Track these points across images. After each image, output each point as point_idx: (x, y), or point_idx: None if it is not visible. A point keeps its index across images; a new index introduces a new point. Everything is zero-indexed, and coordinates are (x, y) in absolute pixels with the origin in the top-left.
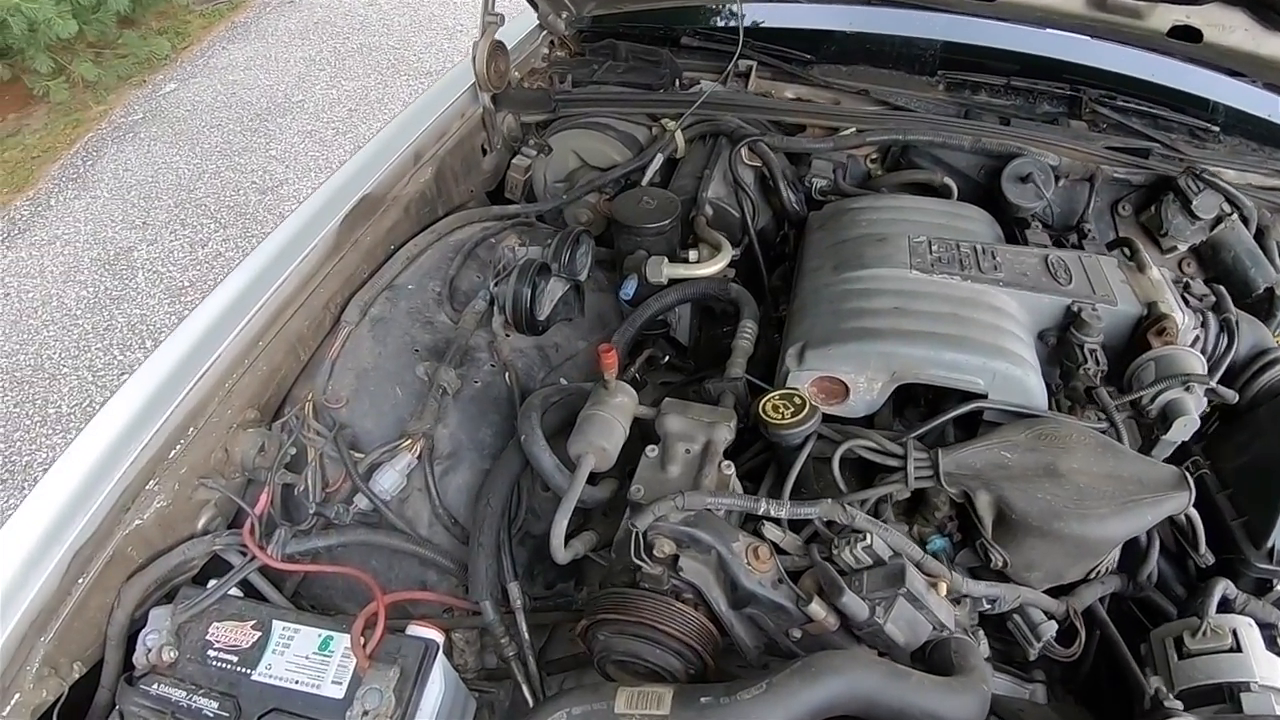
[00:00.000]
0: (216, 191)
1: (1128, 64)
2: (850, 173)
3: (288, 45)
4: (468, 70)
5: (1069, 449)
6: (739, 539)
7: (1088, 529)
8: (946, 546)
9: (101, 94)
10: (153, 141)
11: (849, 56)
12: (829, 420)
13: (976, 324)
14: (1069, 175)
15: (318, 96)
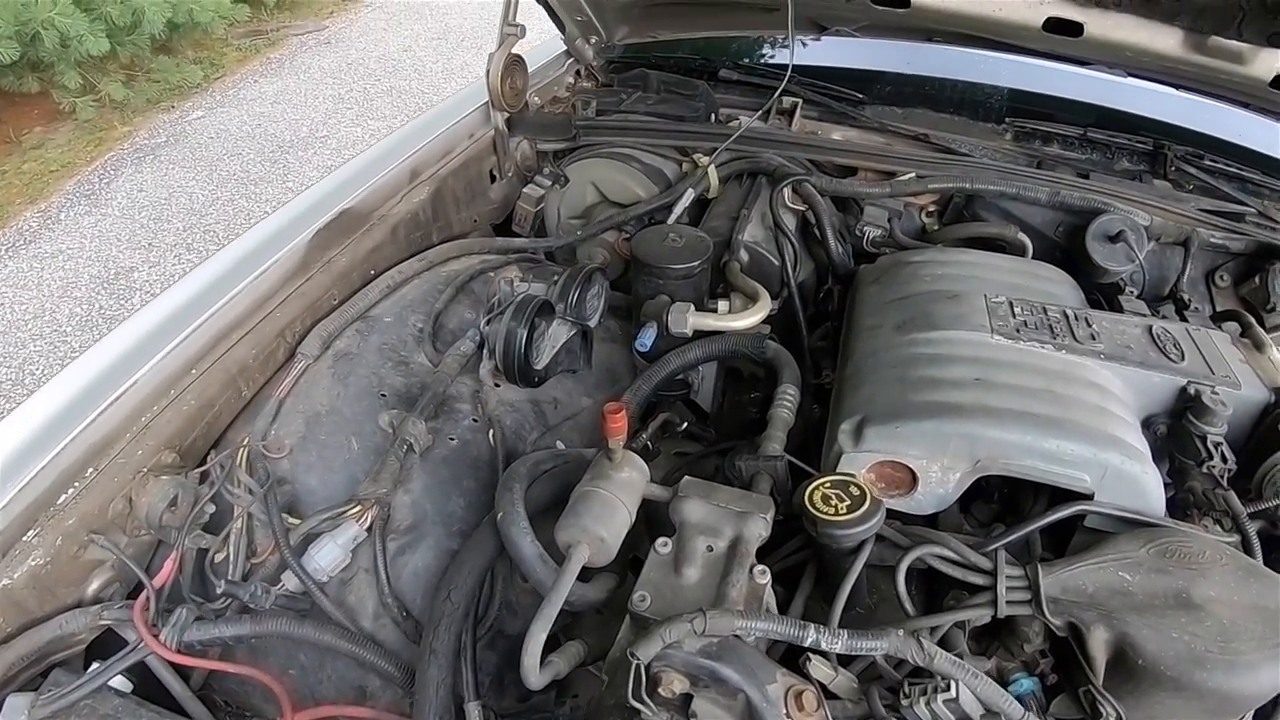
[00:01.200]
0: (228, 219)
1: (1215, 122)
2: (903, 226)
3: (319, 83)
4: (483, 88)
5: (1204, 572)
6: (776, 678)
7: (1237, 681)
8: (1036, 690)
9: (128, 115)
10: (171, 165)
11: (905, 99)
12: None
13: (1078, 405)
14: (1161, 237)
15: (341, 133)
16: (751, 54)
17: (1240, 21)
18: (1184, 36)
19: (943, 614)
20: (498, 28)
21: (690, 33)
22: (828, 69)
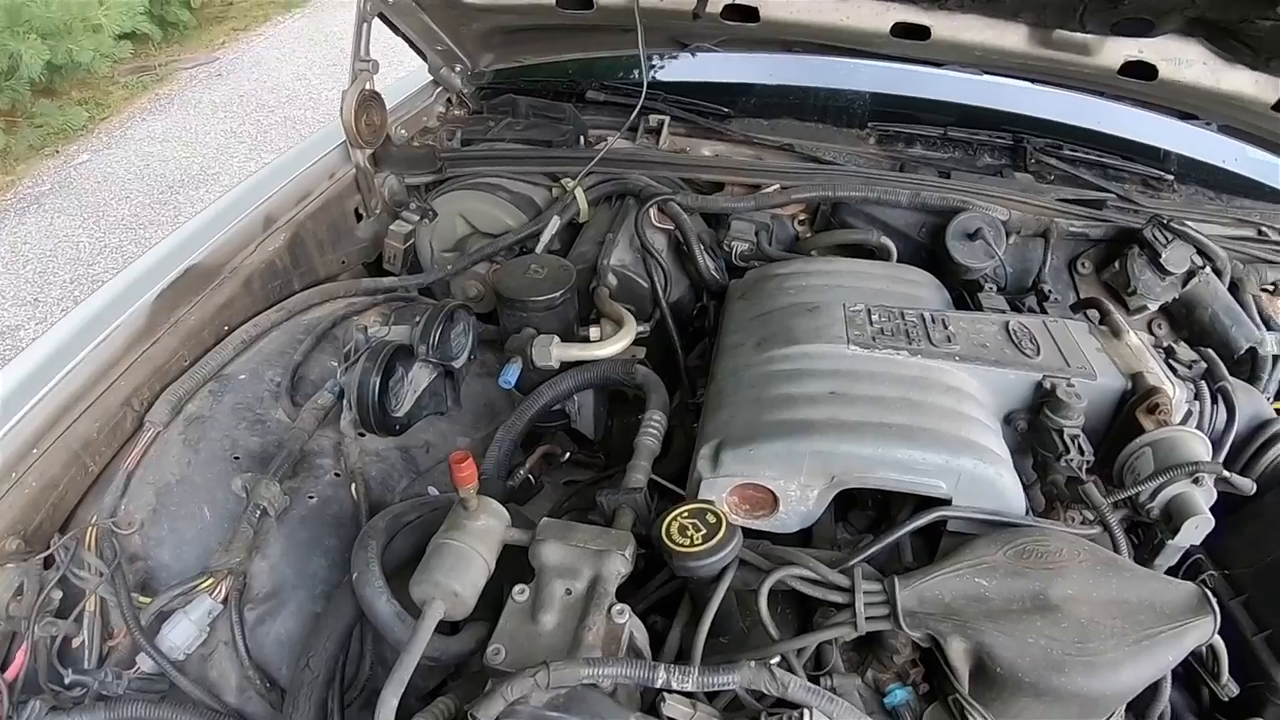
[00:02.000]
0: (117, 267)
1: (1072, 112)
2: (776, 235)
3: (209, 118)
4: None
5: (1061, 570)
6: None
7: (1096, 682)
8: (909, 699)
9: (10, 164)
10: (56, 214)
11: (770, 110)
12: (758, 537)
13: (934, 411)
14: (1020, 231)
15: (234, 169)
16: (618, 74)
17: (1081, 13)
18: (1029, 32)
19: (806, 636)
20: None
21: (555, 56)
22: (695, 84)
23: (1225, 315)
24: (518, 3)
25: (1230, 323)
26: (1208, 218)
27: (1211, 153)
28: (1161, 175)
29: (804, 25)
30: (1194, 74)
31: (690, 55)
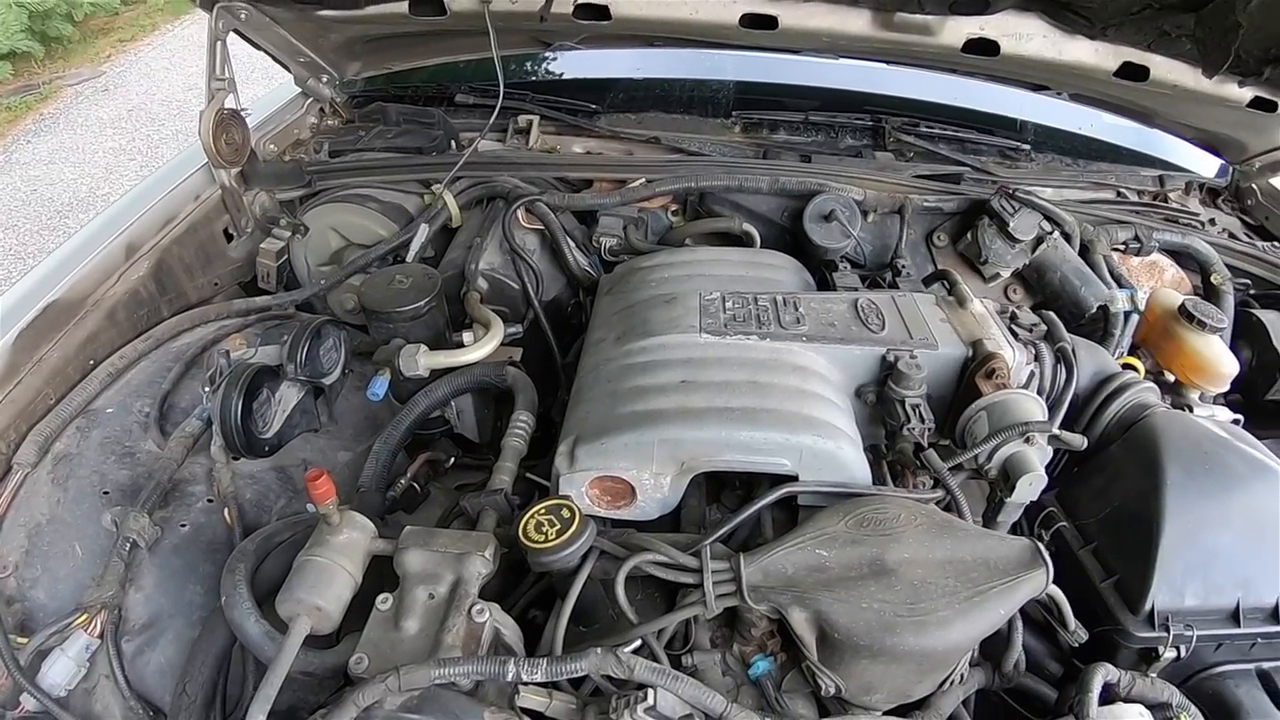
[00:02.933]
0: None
1: (929, 89)
2: (651, 227)
3: (98, 135)
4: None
5: (897, 535)
6: (484, 718)
7: (928, 640)
8: (771, 669)
9: None
10: None
11: (638, 104)
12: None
13: (777, 391)
14: (877, 209)
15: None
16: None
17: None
18: (872, 16)
19: (662, 618)
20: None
21: (423, 61)
22: (564, 82)
23: (1075, 277)
24: (370, 13)
25: (1080, 284)
26: (1064, 183)
27: (1067, 121)
28: (1018, 146)
29: (656, 21)
30: (1035, 47)
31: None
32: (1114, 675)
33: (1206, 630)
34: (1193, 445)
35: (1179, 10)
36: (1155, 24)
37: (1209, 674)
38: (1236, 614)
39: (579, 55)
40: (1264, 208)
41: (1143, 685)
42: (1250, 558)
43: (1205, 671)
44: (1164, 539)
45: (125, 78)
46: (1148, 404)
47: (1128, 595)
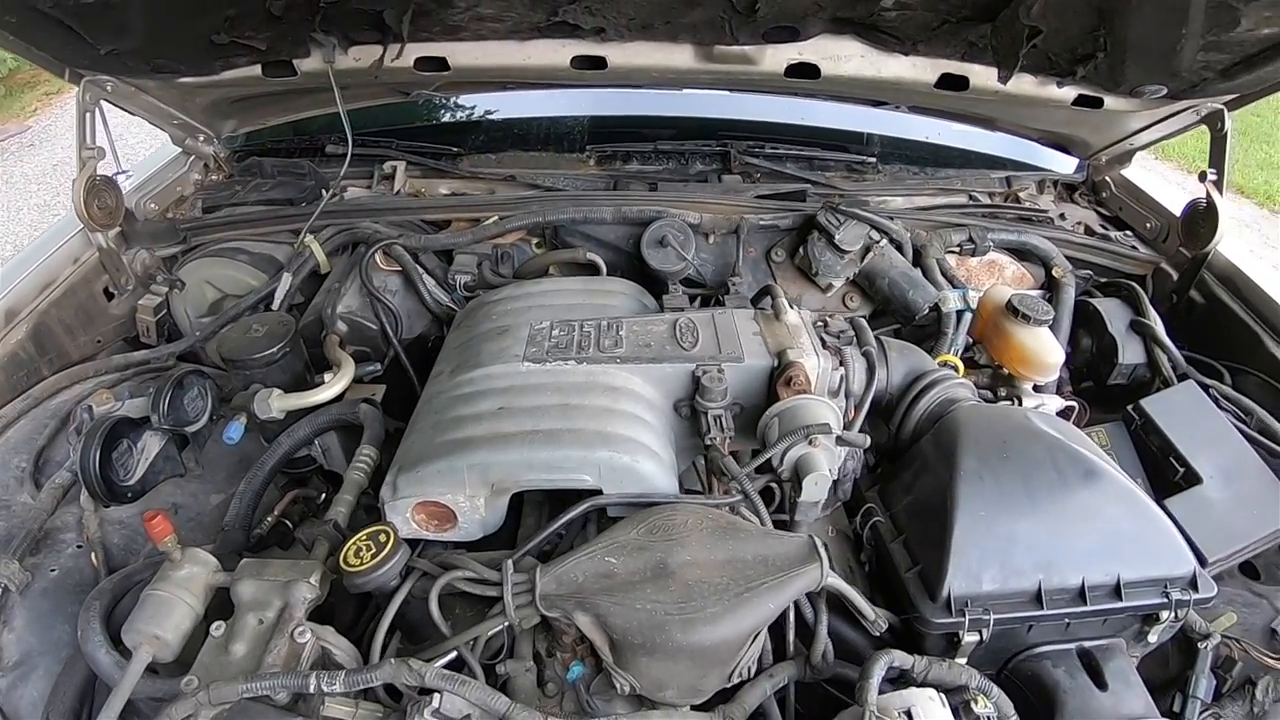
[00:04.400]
0: None
1: (774, 112)
2: (518, 261)
3: (23, 191)
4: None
5: (682, 540)
6: None
7: (695, 635)
8: (584, 673)
9: None
10: None
11: (498, 144)
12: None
13: (584, 412)
14: (715, 231)
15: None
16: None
17: (730, 28)
18: (694, 50)
19: (471, 630)
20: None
21: (293, 115)
22: (429, 127)
23: (903, 281)
24: (227, 77)
25: (908, 287)
26: (910, 191)
27: (915, 131)
28: (864, 159)
29: (492, 68)
30: (854, 67)
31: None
32: (908, 661)
33: (1009, 614)
34: (991, 436)
35: (976, 21)
36: (960, 36)
37: (1028, 655)
38: (1039, 596)
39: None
40: (1118, 199)
41: (939, 669)
42: (1050, 541)
43: (1025, 653)
44: (957, 527)
45: (51, 132)
46: (955, 399)
47: (928, 583)
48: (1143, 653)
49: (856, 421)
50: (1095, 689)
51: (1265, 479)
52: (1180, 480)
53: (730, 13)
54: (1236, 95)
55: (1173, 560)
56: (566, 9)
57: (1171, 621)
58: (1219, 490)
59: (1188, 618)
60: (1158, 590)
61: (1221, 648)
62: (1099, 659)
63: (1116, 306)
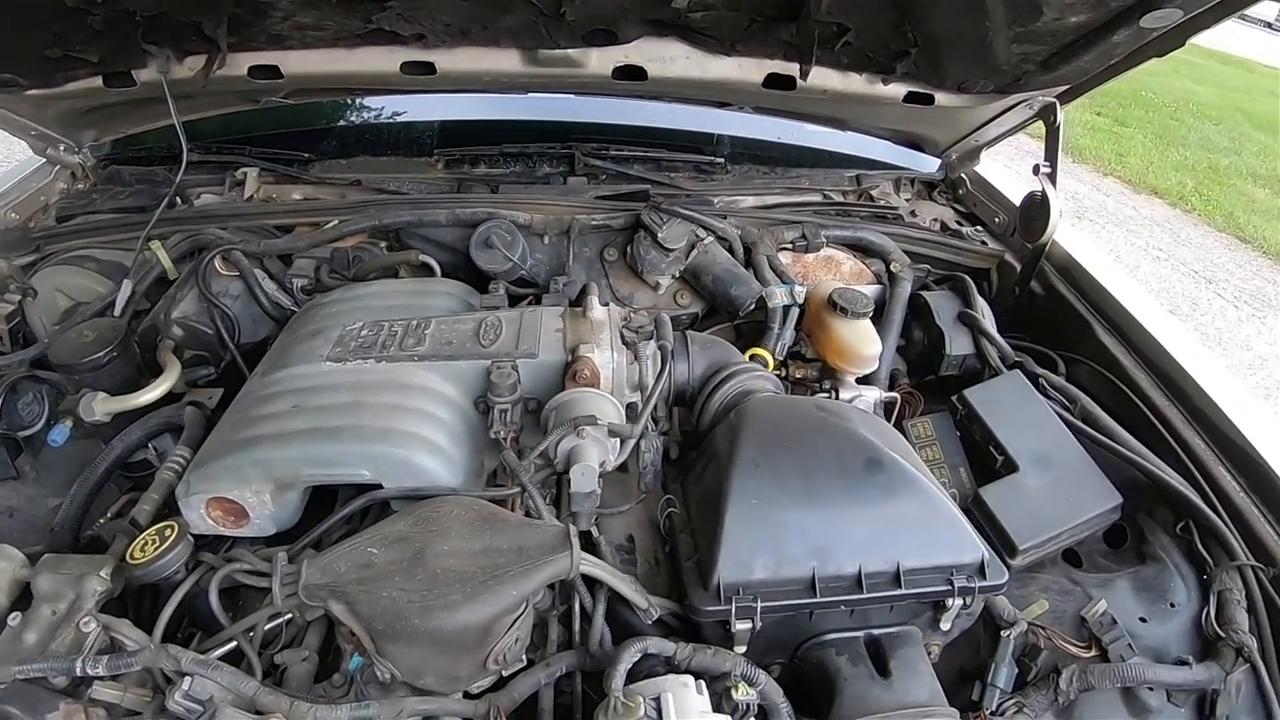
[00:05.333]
0: None
1: (622, 114)
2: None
3: None
4: None
5: (443, 530)
6: (59, 707)
7: (434, 622)
8: (363, 663)
9: None
10: None
11: (348, 149)
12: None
13: (371, 409)
14: (548, 232)
15: None
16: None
17: (546, 32)
18: (521, 54)
19: (247, 619)
20: None
21: (150, 124)
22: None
23: (726, 277)
24: (71, 89)
25: (731, 283)
26: (758, 191)
27: (765, 133)
28: (713, 160)
29: (325, 75)
30: (681, 68)
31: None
32: (669, 648)
33: (781, 601)
34: (775, 426)
35: (782, 21)
36: (773, 35)
37: (815, 643)
38: (813, 584)
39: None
40: (972, 195)
41: (704, 657)
42: (826, 529)
43: (813, 640)
44: (729, 515)
45: None
46: (752, 390)
47: (702, 572)
48: (944, 641)
49: (644, 413)
50: (876, 677)
51: (1083, 466)
52: (1000, 468)
53: (540, 17)
54: (1066, 87)
55: (958, 548)
56: (380, 16)
57: (961, 609)
58: (1035, 478)
59: (996, 605)
60: (942, 578)
61: (1030, 636)
62: (886, 647)
63: (945, 299)
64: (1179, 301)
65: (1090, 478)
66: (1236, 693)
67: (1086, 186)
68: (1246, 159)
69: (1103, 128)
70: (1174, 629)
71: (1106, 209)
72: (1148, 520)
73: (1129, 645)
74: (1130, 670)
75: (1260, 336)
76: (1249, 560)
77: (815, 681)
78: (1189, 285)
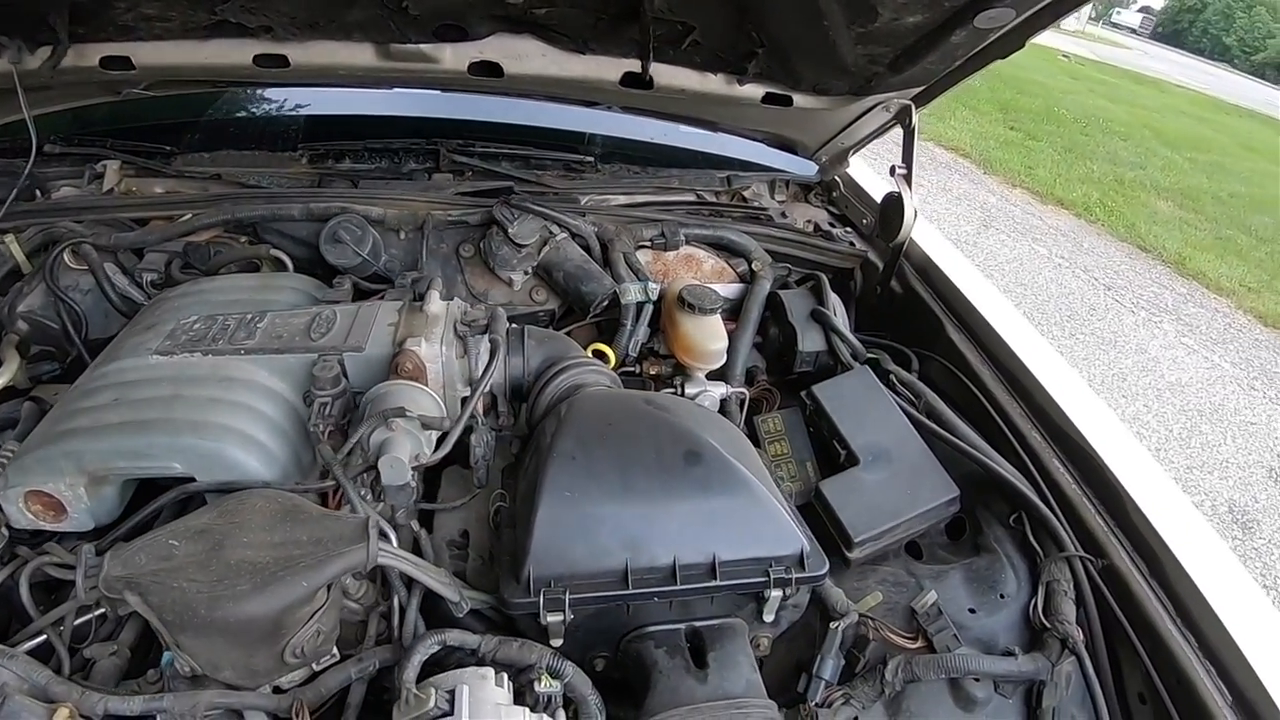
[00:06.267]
0: None
1: (491, 112)
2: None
3: None
4: None
5: (245, 523)
6: None
7: (220, 612)
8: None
9: None
10: None
11: (213, 143)
12: None
13: (188, 402)
14: (404, 227)
15: None
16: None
17: (395, 26)
18: (375, 48)
19: (51, 613)
20: None
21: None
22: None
23: (577, 273)
24: None
25: (583, 279)
26: (627, 190)
27: (639, 132)
28: (583, 159)
29: (178, 67)
30: (537, 65)
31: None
32: (473, 641)
33: (593, 594)
34: (597, 419)
35: (626, 19)
36: (622, 34)
37: (636, 635)
38: (626, 576)
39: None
40: (844, 198)
41: (509, 649)
42: (640, 521)
43: (634, 633)
44: (541, 507)
45: None
46: (583, 384)
47: (515, 565)
48: (773, 633)
49: (468, 407)
50: (692, 669)
51: (922, 460)
52: (844, 462)
53: (385, 10)
54: (920, 89)
55: (776, 540)
56: (224, 7)
57: (783, 600)
58: (875, 472)
59: (829, 597)
60: (759, 569)
61: (861, 628)
62: (706, 639)
63: (799, 297)
64: (1078, 306)
65: (929, 471)
66: (1066, 684)
67: (996, 197)
68: (1151, 173)
69: (1015, 141)
70: (1003, 620)
71: (1013, 219)
72: (985, 513)
73: (954, 636)
74: (954, 661)
75: (1155, 340)
76: (1078, 551)
77: (634, 674)
78: (1088, 291)
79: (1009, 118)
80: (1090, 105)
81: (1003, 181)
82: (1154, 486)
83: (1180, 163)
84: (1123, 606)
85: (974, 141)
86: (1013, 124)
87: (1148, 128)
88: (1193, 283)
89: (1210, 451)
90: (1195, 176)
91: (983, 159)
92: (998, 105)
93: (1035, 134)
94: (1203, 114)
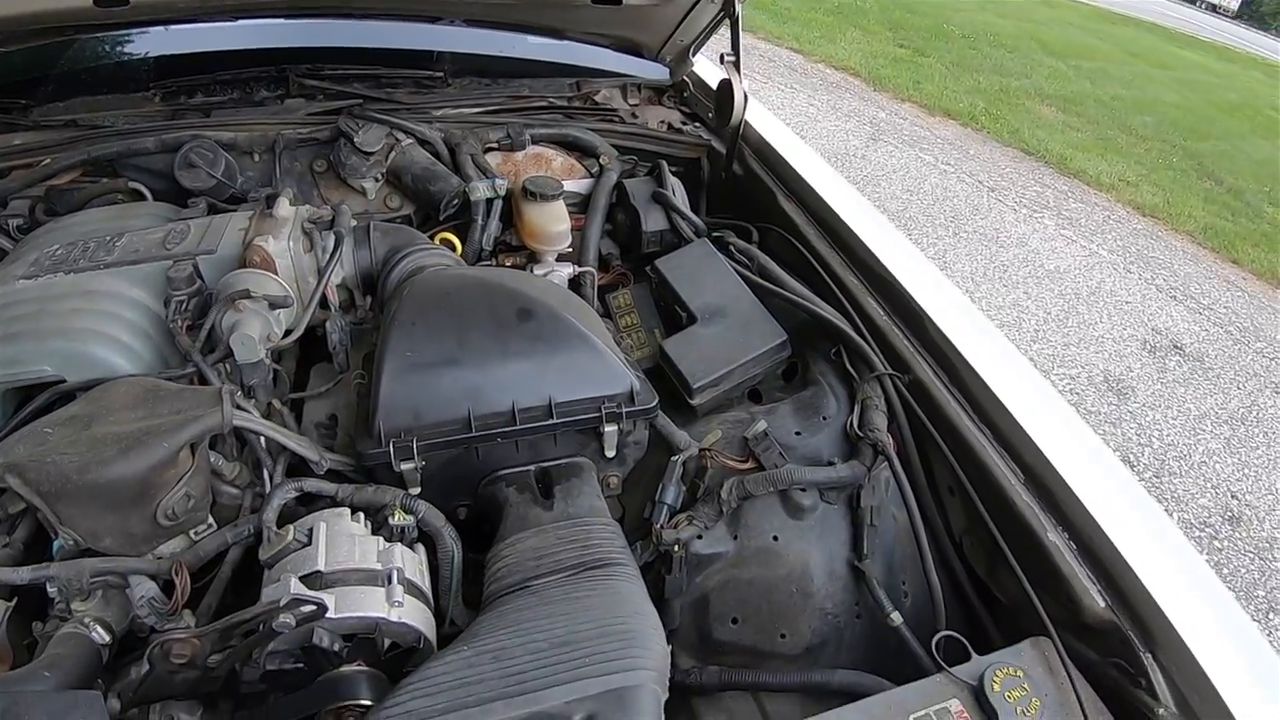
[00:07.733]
0: None
1: (339, 37)
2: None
3: None
4: None
5: (110, 405)
6: None
7: (90, 477)
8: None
9: None
10: None
11: (67, 92)
12: None
13: (53, 314)
14: (256, 149)
15: None
16: None
17: None
18: None
19: None
20: None
21: None
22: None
23: (424, 175)
24: None
25: (430, 180)
26: (476, 101)
27: (489, 46)
28: (432, 75)
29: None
30: None
31: None
32: (331, 488)
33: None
34: (435, 291)
35: None
36: None
37: (490, 479)
38: (469, 421)
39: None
40: (694, 97)
41: (365, 494)
42: (479, 373)
43: (488, 478)
44: (385, 367)
45: None
46: (425, 265)
47: (368, 423)
48: (621, 471)
49: (315, 293)
50: (540, 500)
51: (754, 313)
52: (685, 324)
53: None
54: None
55: (608, 379)
56: None
57: (621, 435)
58: (711, 327)
59: (673, 437)
60: (594, 407)
61: (701, 460)
62: (554, 476)
63: (642, 184)
64: (961, 208)
65: (759, 322)
66: (886, 488)
67: (885, 112)
68: (1037, 81)
69: (904, 59)
70: (825, 438)
71: (901, 131)
72: (811, 353)
73: (780, 455)
74: (780, 475)
75: (1036, 234)
76: (886, 370)
77: (491, 514)
78: (973, 193)
79: (899, 36)
80: (978, 21)
81: (892, 97)
82: (952, 308)
83: (1065, 71)
84: (928, 413)
85: (864, 60)
86: (902, 42)
87: (1034, 39)
88: (1074, 180)
89: (1087, 329)
90: (1079, 83)
91: (873, 77)
92: (888, 25)
93: (924, 50)
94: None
